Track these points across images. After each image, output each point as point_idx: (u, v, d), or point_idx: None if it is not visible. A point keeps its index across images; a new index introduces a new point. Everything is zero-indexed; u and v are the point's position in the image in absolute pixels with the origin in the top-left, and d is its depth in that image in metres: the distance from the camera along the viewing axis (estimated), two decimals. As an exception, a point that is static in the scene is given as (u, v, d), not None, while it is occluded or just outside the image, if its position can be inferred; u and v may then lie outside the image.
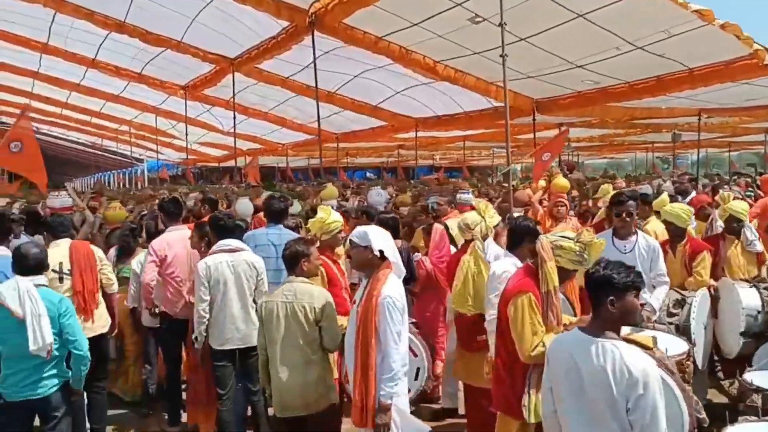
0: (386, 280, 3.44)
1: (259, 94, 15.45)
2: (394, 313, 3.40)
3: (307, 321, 3.67)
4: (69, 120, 24.64)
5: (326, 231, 4.61)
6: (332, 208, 5.28)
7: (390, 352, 3.37)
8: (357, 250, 3.52)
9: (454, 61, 10.04)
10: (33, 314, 3.69)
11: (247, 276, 4.53)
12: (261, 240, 5.07)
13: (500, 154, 30.27)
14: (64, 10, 11.08)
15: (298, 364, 3.70)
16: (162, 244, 5.09)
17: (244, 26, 10.75)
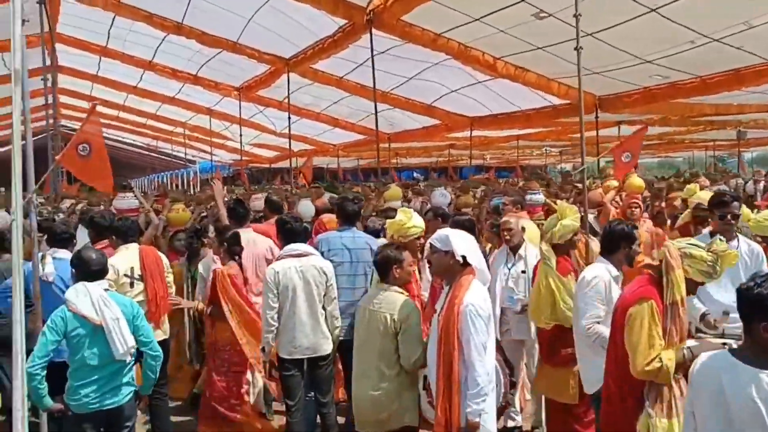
0: (469, 287, 3.22)
1: (312, 95, 15.38)
2: (478, 322, 3.18)
3: (386, 332, 3.48)
4: (125, 122, 25.16)
5: (404, 235, 4.40)
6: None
7: (475, 364, 3.15)
8: (438, 255, 3.31)
9: (514, 57, 9.72)
10: (111, 319, 3.59)
11: (316, 282, 4.37)
12: (334, 243, 4.90)
13: (552, 153, 29.72)
14: (123, 13, 11.20)
15: (371, 375, 3.52)
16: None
17: (299, 26, 10.65)
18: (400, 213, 4.60)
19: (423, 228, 4.56)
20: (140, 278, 4.76)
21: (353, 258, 4.73)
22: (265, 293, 4.31)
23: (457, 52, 9.54)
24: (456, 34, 9.29)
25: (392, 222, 4.51)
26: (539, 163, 34.36)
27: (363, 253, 4.84)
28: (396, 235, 4.42)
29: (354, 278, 4.67)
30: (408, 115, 15.48)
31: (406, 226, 4.41)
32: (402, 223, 4.43)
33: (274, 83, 14.13)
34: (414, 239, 4.45)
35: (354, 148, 21.79)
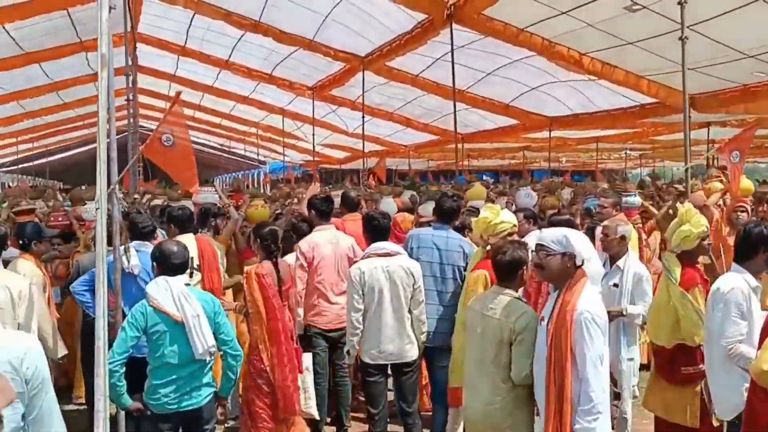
0: (582, 292, 2.88)
1: (385, 94, 15.21)
2: (594, 331, 2.84)
3: (501, 341, 3.17)
4: (200, 122, 25.70)
5: (493, 233, 4.09)
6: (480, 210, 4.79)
7: (590, 378, 2.82)
8: (554, 257, 2.96)
9: (602, 53, 9.21)
10: (192, 316, 3.43)
11: (403, 284, 4.11)
12: (425, 241, 4.61)
13: (631, 157, 28.55)
14: (203, 11, 11.30)
15: (483, 387, 3.21)
16: (309, 245, 4.77)
17: (376, 22, 10.47)
18: (485, 209, 4.28)
19: (514, 223, 4.23)
20: (198, 269, 4.64)
21: (443, 259, 4.42)
22: (350, 294, 4.08)
23: (541, 47, 9.13)
24: (540, 29, 8.89)
25: (479, 220, 4.20)
26: (616, 167, 33.16)
27: (454, 255, 4.54)
28: (485, 234, 4.11)
29: (442, 281, 4.37)
30: (483, 115, 15.09)
31: (494, 222, 4.10)
32: (489, 219, 4.12)
33: (348, 82, 14.03)
34: (506, 236, 4.12)
35: (425, 149, 21.51)
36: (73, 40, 13.12)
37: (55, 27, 11.76)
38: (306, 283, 4.72)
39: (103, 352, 2.56)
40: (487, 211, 4.19)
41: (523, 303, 3.32)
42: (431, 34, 9.57)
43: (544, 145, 20.65)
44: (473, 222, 4.30)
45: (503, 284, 3.37)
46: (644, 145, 23.23)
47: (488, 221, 4.09)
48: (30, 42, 12.22)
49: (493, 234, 4.08)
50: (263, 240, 4.48)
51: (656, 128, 15.22)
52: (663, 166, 37.29)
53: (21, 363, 2.36)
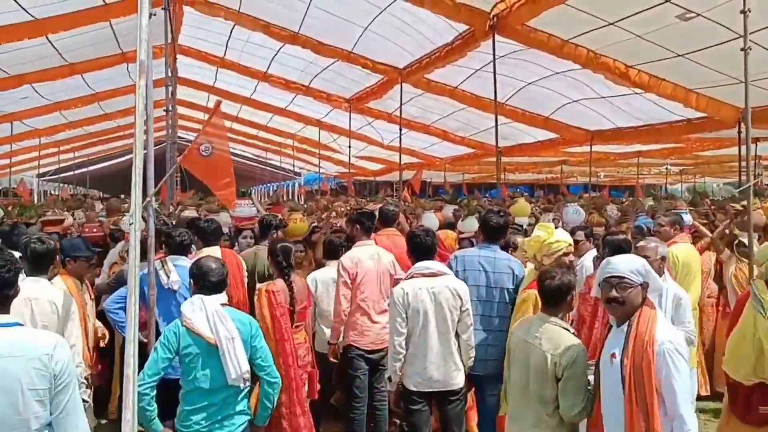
0: (657, 321, 2.64)
1: (421, 107, 15.06)
2: (680, 362, 2.62)
3: (545, 373, 2.94)
4: (238, 134, 25.89)
5: (548, 253, 3.85)
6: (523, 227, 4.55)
7: (684, 414, 2.60)
8: (634, 290, 2.71)
9: (649, 65, 8.90)
10: (227, 338, 3.24)
11: (450, 306, 3.87)
12: (471, 264, 4.32)
13: (672, 172, 27.85)
14: (243, 23, 11.31)
15: (527, 419, 2.99)
16: (352, 261, 4.58)
17: (416, 33, 10.33)
18: (539, 228, 4.03)
19: (569, 242, 3.97)
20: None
21: (491, 282, 4.16)
22: (393, 317, 3.85)
23: (586, 59, 8.86)
24: (585, 41, 8.63)
25: (532, 239, 3.97)
26: (655, 182, 32.40)
27: (503, 277, 4.24)
28: (539, 255, 3.87)
29: (491, 305, 4.11)
30: (520, 128, 14.82)
31: (548, 242, 3.86)
32: (543, 239, 3.88)
33: (386, 94, 13.91)
34: (561, 256, 3.86)
35: (461, 162, 21.28)
36: (115, 51, 13.26)
37: (97, 38, 11.89)
38: (350, 300, 4.52)
39: (133, 380, 2.40)
40: (541, 230, 3.95)
41: (570, 334, 3.09)
42: (472, 46, 9.38)
43: (583, 159, 20.34)
44: (525, 242, 4.04)
45: (550, 311, 3.16)
46: (686, 161, 22.66)
47: (542, 241, 3.86)
48: (73, 53, 12.38)
49: (547, 254, 3.84)
50: (275, 257, 4.32)
51: (701, 143, 14.75)
52: (704, 182, 36.41)
53: (50, 359, 2.49)
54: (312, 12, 10.56)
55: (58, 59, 12.49)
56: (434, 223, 6.53)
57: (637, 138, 12.67)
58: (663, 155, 17.51)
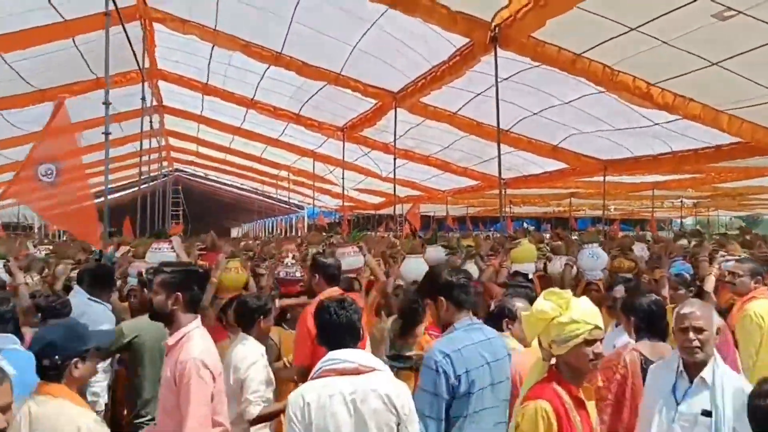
0: None
1: (420, 137, 14.02)
2: None
3: None
4: (232, 165, 24.93)
5: (559, 340, 2.53)
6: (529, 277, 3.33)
7: None
8: None
9: (674, 82, 7.78)
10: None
11: (380, 424, 2.57)
12: (473, 360, 2.89)
13: (686, 206, 26.62)
14: (220, 42, 10.33)
15: None
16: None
17: (410, 51, 9.29)
18: (547, 298, 2.60)
19: (597, 324, 2.54)
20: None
21: (494, 377, 2.87)
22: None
23: (602, 76, 7.76)
24: (600, 54, 7.53)
25: (533, 315, 2.59)
26: (663, 215, 31.17)
27: (504, 366, 2.94)
28: (545, 340, 2.56)
29: (497, 412, 2.85)
30: (526, 158, 13.72)
31: (559, 322, 2.51)
32: (551, 316, 2.52)
33: (380, 121, 12.87)
34: (581, 343, 2.54)
35: (464, 194, 20.17)
36: (88, 76, 12.29)
37: (63, 60, 10.93)
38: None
39: None
40: (550, 299, 2.56)
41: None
42: (471, 62, 8.32)
43: (594, 191, 19.20)
44: (525, 319, 2.72)
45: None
46: (702, 192, 21.47)
47: (549, 318, 2.53)
48: (39, 78, 11.40)
49: (558, 341, 2.52)
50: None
51: (725, 173, 13.60)
52: (717, 215, 35.09)
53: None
54: (295, 29, 9.55)
55: (22, 85, 11.52)
56: (419, 271, 5.27)
57: (656, 168, 11.50)
58: (681, 186, 16.34)
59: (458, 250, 5.97)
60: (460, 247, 6.07)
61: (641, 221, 36.01)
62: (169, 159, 27.26)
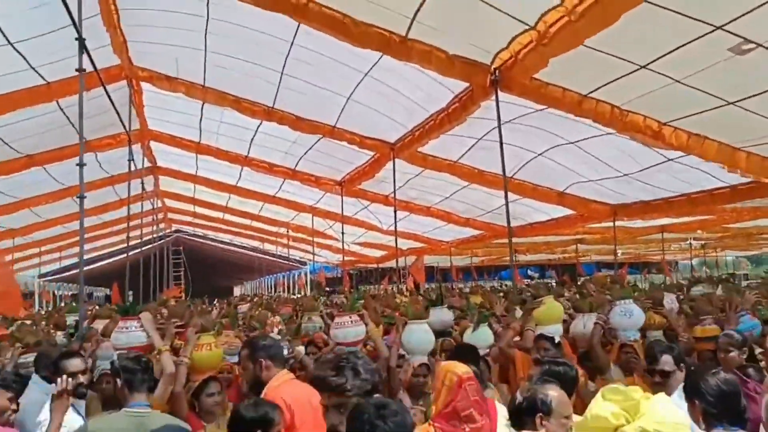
0: None
1: (420, 188, 13.58)
2: None
3: None
4: (231, 225, 24.49)
5: None
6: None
7: None
8: None
9: (688, 121, 7.34)
10: None
11: None
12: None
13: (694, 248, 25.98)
14: (209, 98, 9.98)
15: None
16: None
17: (406, 100, 8.91)
18: (608, 399, 2.05)
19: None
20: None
21: None
22: None
23: (610, 117, 7.33)
24: (608, 94, 7.12)
25: (589, 426, 2.07)
26: (669, 258, 30.44)
27: None
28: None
29: None
30: (531, 205, 13.25)
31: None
32: (613, 426, 1.97)
33: (378, 174, 12.45)
34: None
35: (468, 245, 19.63)
36: (75, 140, 11.93)
37: (48, 123, 10.57)
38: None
39: None
40: (610, 404, 1.95)
41: None
42: (471, 108, 7.92)
43: (600, 237, 18.66)
44: (578, 428, 2.03)
45: None
46: (711, 234, 20.89)
47: (611, 429, 1.95)
48: (22, 142, 11.03)
49: None
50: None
51: (737, 214, 13.07)
52: (725, 256, 34.36)
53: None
54: (286, 82, 9.21)
55: (6, 150, 11.15)
56: (427, 343, 4.59)
57: (669, 211, 10.97)
58: (690, 229, 15.80)
59: (468, 312, 5.35)
60: (470, 309, 5.43)
61: (647, 264, 35.33)
62: (167, 221, 26.89)
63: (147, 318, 3.94)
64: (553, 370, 3.01)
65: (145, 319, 3.92)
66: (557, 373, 2.93)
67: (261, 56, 8.73)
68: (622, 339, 4.75)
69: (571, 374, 3.01)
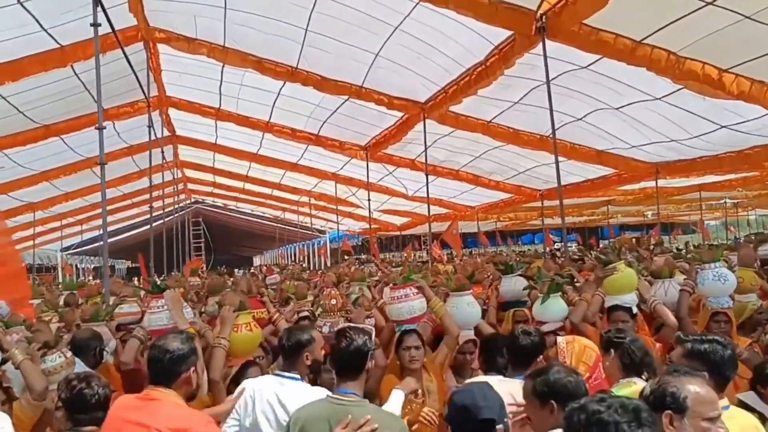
0: None
1: (448, 147, 12.98)
2: None
3: None
4: (251, 194, 24.12)
5: None
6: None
7: None
8: None
9: (749, 66, 6.73)
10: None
11: None
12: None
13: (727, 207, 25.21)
14: (230, 60, 9.48)
15: None
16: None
17: (440, 55, 8.35)
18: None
19: None
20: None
21: None
22: None
23: (665, 64, 6.73)
24: (664, 39, 6.52)
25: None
26: (695, 218, 29.61)
27: None
28: None
29: None
30: (564, 168, 12.61)
31: None
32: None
33: (405, 137, 11.92)
34: None
35: (495, 210, 19.09)
36: (92, 108, 11.53)
37: (64, 91, 10.16)
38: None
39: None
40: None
41: None
42: (512, 60, 7.32)
43: (633, 198, 17.97)
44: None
45: None
46: (749, 192, 20.09)
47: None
48: (37, 111, 10.63)
49: None
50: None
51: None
52: (753, 214, 33.43)
53: None
54: (310, 39, 8.68)
55: (23, 121, 10.76)
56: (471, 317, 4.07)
57: (718, 167, 10.32)
58: (731, 187, 15.11)
59: (538, 280, 4.83)
60: (540, 276, 4.89)
61: (673, 225, 34.46)
62: (187, 191, 26.60)
63: (170, 296, 3.50)
64: (697, 350, 2.47)
65: (168, 298, 3.49)
66: (701, 354, 2.45)
67: (283, 12, 8.22)
68: (713, 306, 4.25)
69: (727, 355, 2.46)
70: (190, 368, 2.57)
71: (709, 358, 2.43)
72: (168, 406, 2.46)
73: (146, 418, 2.44)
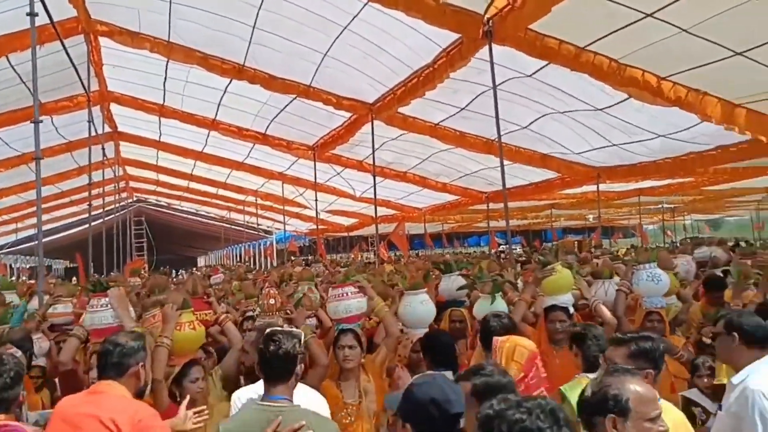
0: None
1: (396, 150, 13.05)
2: None
3: None
4: (196, 193, 23.68)
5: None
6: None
7: None
8: None
9: (687, 75, 6.98)
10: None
11: None
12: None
13: (664, 211, 26.10)
14: (175, 55, 9.26)
15: None
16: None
17: (388, 57, 8.36)
18: None
19: None
20: None
21: None
22: None
23: (607, 70, 6.91)
24: (607, 46, 6.70)
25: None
26: (633, 222, 30.58)
27: None
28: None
29: None
30: (509, 171, 12.83)
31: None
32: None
33: (353, 137, 11.91)
34: None
35: (442, 212, 19.25)
36: (29, 102, 11.09)
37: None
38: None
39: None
40: None
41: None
42: (459, 64, 7.41)
43: (575, 201, 18.44)
44: None
45: None
46: (684, 198, 20.88)
47: None
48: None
49: None
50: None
51: (716, 176, 12.87)
52: (688, 219, 34.69)
53: None
54: (258, 37, 8.57)
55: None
56: (425, 315, 4.16)
57: (656, 173, 10.68)
58: (668, 192, 15.66)
59: (478, 280, 4.86)
60: (481, 276, 4.92)
61: (614, 229, 35.49)
62: (129, 190, 25.90)
63: (114, 294, 3.40)
64: (642, 348, 2.50)
65: (112, 296, 3.38)
66: (647, 353, 2.48)
67: (231, 8, 8.09)
68: (647, 306, 4.39)
69: (663, 348, 2.53)
70: (138, 363, 2.62)
71: (653, 356, 2.49)
72: (114, 399, 2.52)
73: (94, 409, 2.48)
